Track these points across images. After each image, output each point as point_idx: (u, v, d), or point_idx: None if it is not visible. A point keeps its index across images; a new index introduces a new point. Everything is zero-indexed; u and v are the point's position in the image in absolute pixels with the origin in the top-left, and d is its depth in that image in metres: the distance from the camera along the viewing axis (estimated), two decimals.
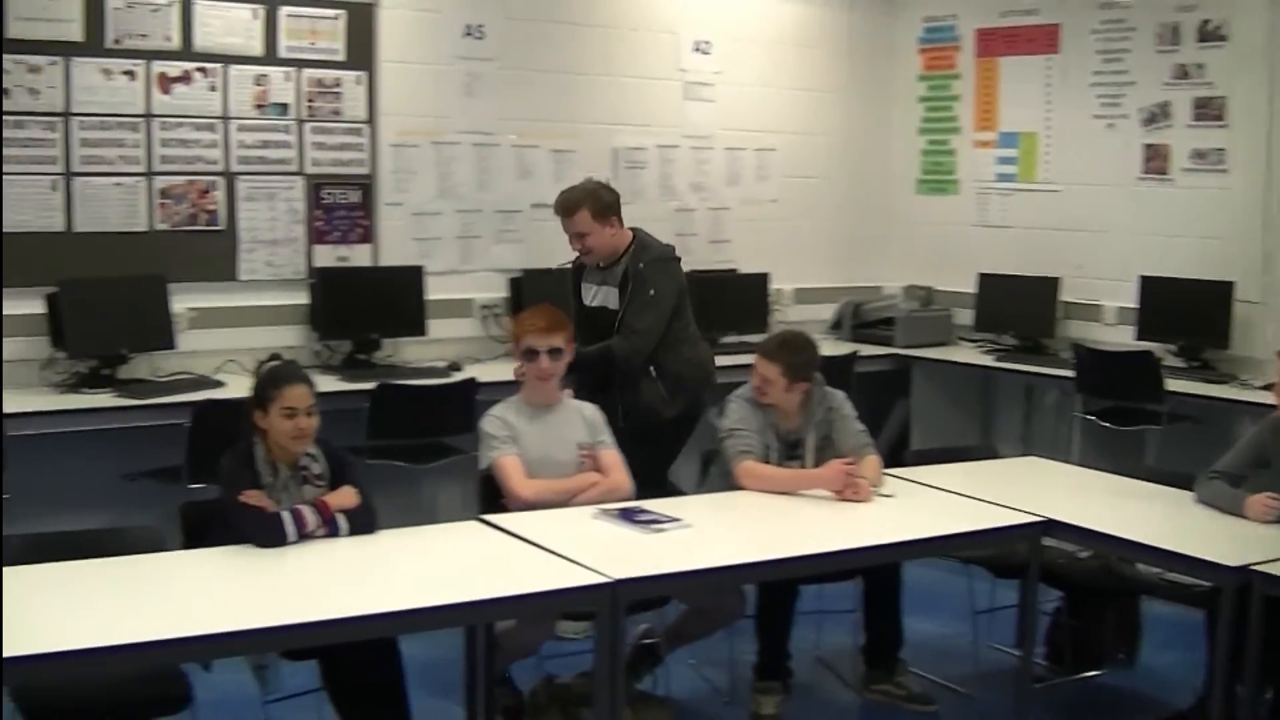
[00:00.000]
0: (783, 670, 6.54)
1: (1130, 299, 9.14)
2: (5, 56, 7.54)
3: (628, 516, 5.60)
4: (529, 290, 8.73)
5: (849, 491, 5.97)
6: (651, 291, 7.17)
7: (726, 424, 6.31)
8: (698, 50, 9.80)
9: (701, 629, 6.38)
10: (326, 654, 5.35)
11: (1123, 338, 9.18)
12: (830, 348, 9.00)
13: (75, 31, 7.73)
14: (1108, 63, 9.53)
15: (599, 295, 7.36)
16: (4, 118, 7.53)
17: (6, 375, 7.41)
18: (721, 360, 8.68)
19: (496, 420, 6.17)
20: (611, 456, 6.23)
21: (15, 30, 7.56)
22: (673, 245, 7.58)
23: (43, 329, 7.56)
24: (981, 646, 7.06)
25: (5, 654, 4.00)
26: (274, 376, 5.47)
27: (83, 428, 7.27)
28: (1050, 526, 5.87)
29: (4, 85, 7.56)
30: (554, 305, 6.56)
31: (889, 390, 9.71)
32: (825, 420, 6.40)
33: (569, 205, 7.32)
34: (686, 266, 9.34)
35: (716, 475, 6.45)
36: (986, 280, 9.89)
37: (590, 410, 6.38)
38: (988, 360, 9.54)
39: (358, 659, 5.27)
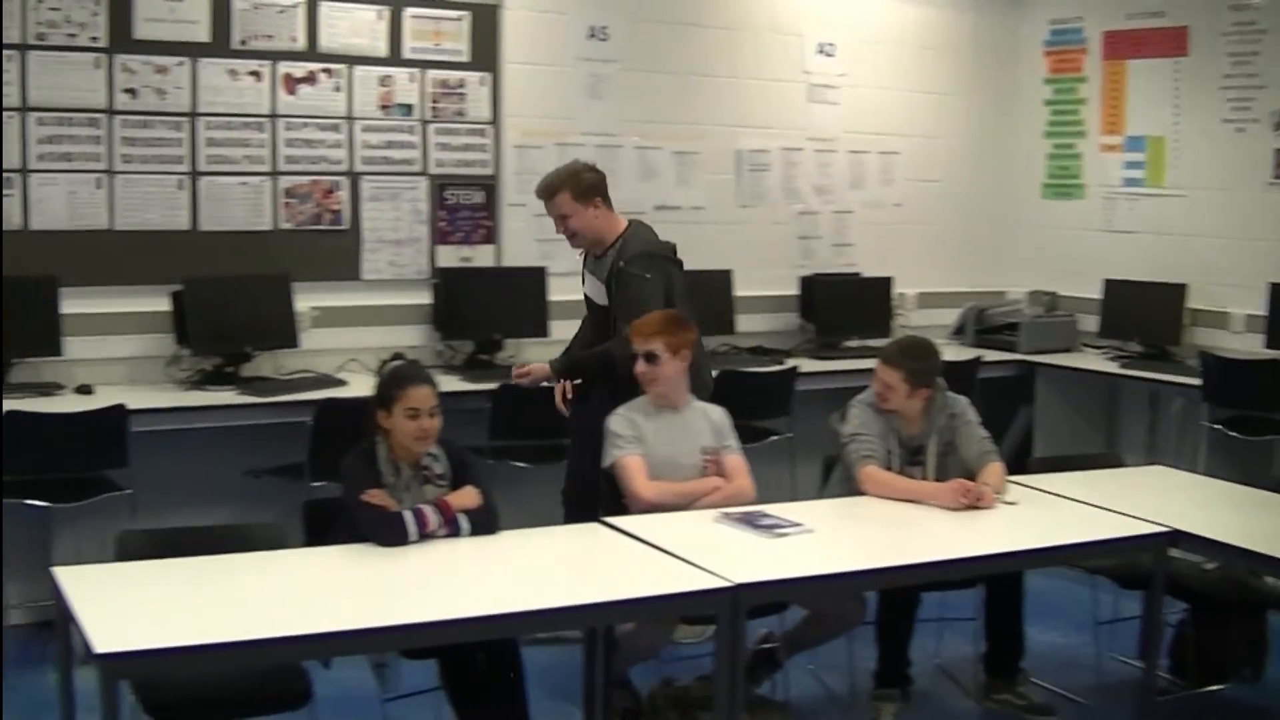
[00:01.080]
0: (902, 678, 6.50)
1: (1259, 306, 8.98)
2: (133, 57, 7.63)
3: (749, 520, 5.57)
4: None
5: (972, 499, 5.91)
6: (635, 290, 6.80)
7: (848, 429, 6.27)
8: (822, 52, 9.76)
9: (821, 635, 6.34)
10: (446, 653, 5.36)
11: (1251, 345, 9.04)
12: (953, 353, 8.92)
13: (202, 33, 7.81)
14: (1237, 65, 9.38)
15: (591, 287, 7.15)
16: (132, 117, 7.63)
17: (134, 371, 7.50)
18: (843, 365, 8.72)
19: (623, 419, 6.18)
20: (736, 461, 6.20)
21: (143, 31, 7.65)
22: (671, 244, 7.22)
23: (168, 326, 7.63)
24: (1104, 657, 6.97)
25: (129, 648, 4.05)
26: (398, 377, 5.50)
27: (206, 425, 7.34)
28: (1176, 537, 5.77)
29: (132, 86, 7.65)
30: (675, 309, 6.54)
31: (1012, 396, 9.62)
32: (948, 426, 6.33)
33: (549, 187, 7.06)
34: (808, 270, 9.39)
35: (837, 480, 6.41)
36: (1112, 286, 9.77)
37: (718, 414, 6.34)
38: (1113, 367, 9.40)
39: (478, 659, 5.29)
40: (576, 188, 6.96)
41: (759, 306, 9.42)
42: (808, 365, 8.87)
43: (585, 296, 7.23)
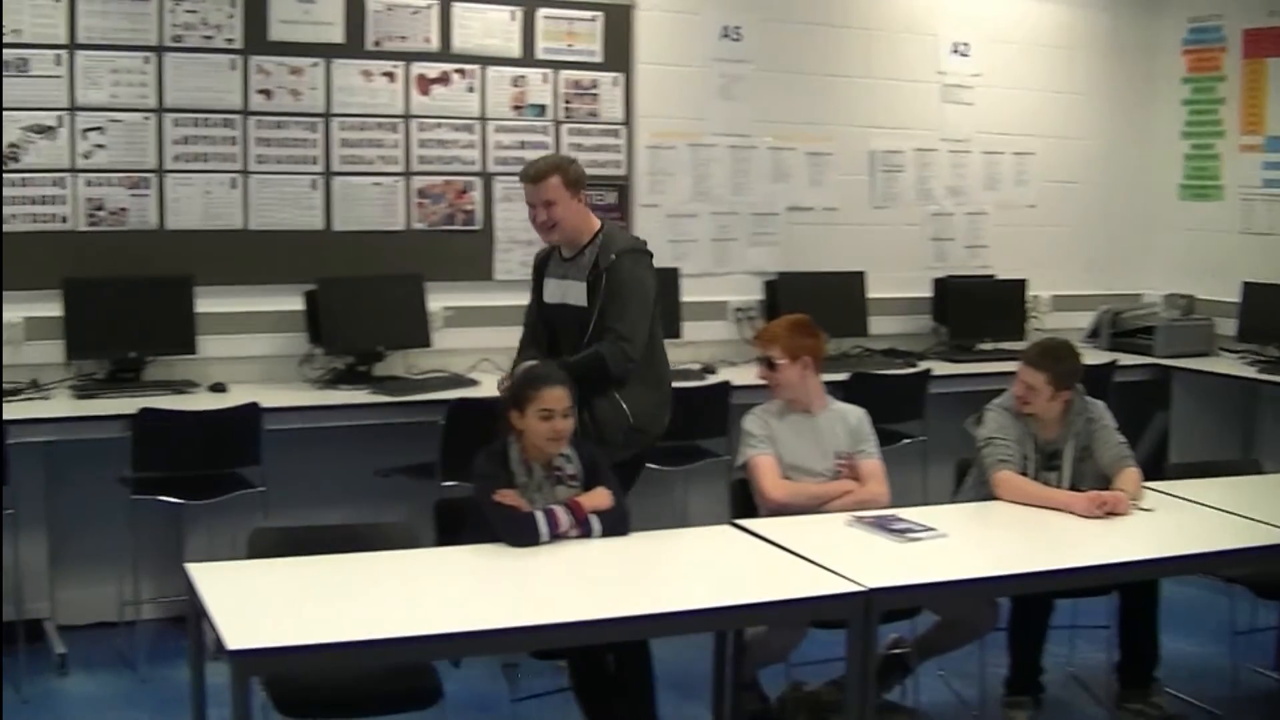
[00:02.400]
0: (1034, 685, 6.43)
1: None
2: (268, 59, 7.71)
3: (882, 524, 5.53)
4: (784, 294, 8.69)
5: (1107, 510, 5.82)
6: (631, 283, 6.40)
7: (984, 432, 6.20)
8: (956, 52, 9.67)
9: (953, 641, 6.27)
10: (576, 654, 5.36)
11: None
12: (1088, 357, 8.76)
13: (336, 34, 7.88)
14: None
15: (560, 290, 6.58)
16: (266, 118, 7.71)
17: (267, 370, 7.56)
18: (976, 368, 8.64)
19: (758, 419, 6.16)
20: (872, 466, 6.16)
21: (278, 33, 7.74)
22: (644, 239, 6.85)
23: (301, 326, 7.69)
24: (1240, 668, 6.84)
25: (261, 645, 4.08)
26: (532, 378, 5.52)
27: (338, 424, 7.40)
28: None
29: (267, 87, 7.72)
30: (801, 313, 6.49)
31: (1147, 401, 9.49)
32: (1085, 431, 6.25)
33: (538, 171, 6.50)
34: (942, 272, 9.33)
35: (971, 485, 6.35)
36: (1251, 289, 9.60)
37: (856, 417, 6.29)
38: (1251, 372, 9.22)
39: (608, 661, 5.28)
40: (566, 175, 6.49)
41: (892, 308, 9.35)
42: (941, 368, 8.81)
43: (542, 304, 6.68)
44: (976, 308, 9.46)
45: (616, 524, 5.29)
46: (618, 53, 8.56)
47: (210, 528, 7.33)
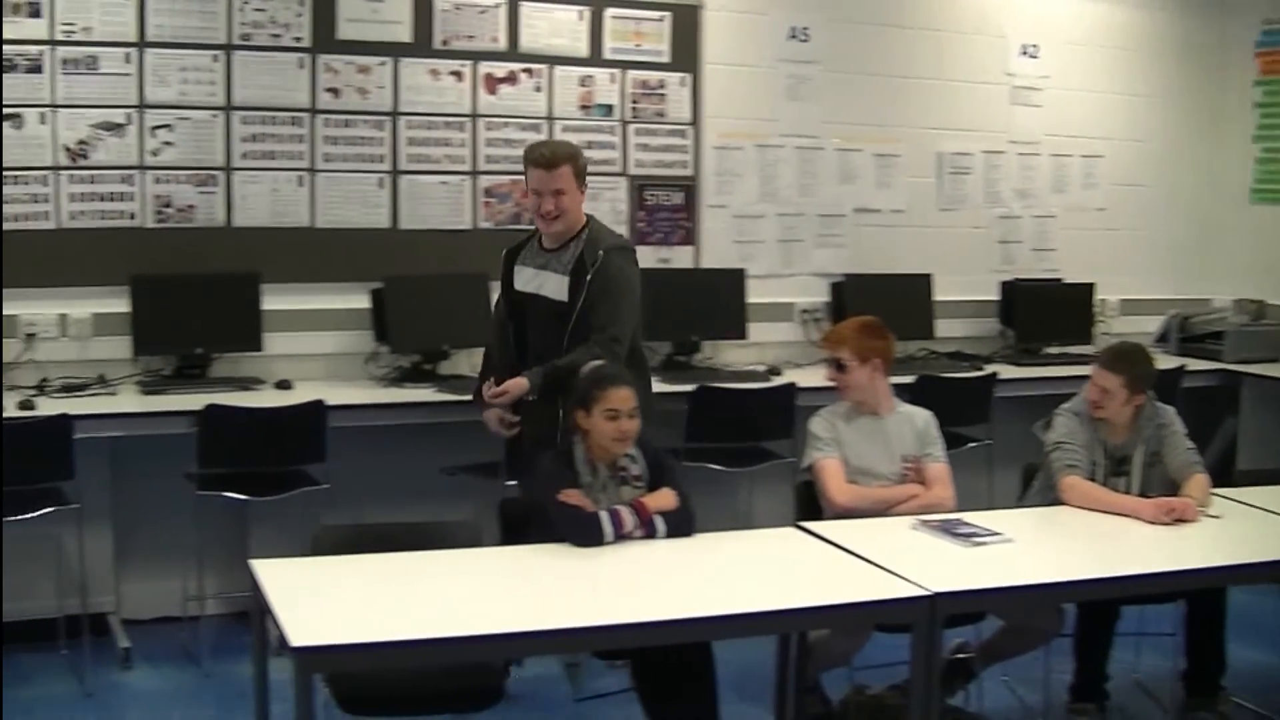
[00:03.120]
0: (1099, 692, 6.38)
1: None
2: (336, 57, 7.74)
3: (947, 528, 5.49)
4: (850, 296, 8.66)
5: (1175, 517, 5.77)
6: (620, 281, 6.26)
7: (1053, 437, 6.16)
8: (1025, 54, 9.62)
9: (1018, 646, 6.23)
10: (639, 654, 5.35)
11: None
12: (1157, 362, 8.75)
13: (404, 33, 7.91)
14: None
15: (537, 281, 6.41)
16: (334, 116, 7.75)
17: (333, 368, 7.59)
18: (1043, 372, 8.60)
19: (824, 422, 6.14)
20: (938, 470, 6.12)
21: (346, 32, 7.77)
22: (628, 237, 6.71)
23: (367, 324, 7.72)
24: None
25: (324, 642, 4.09)
26: (598, 378, 5.51)
27: (403, 421, 7.41)
28: None
29: (334, 85, 7.75)
30: (871, 316, 6.45)
31: (1216, 407, 9.40)
32: (1154, 436, 6.20)
33: (556, 156, 6.31)
34: (1009, 275, 9.30)
35: (1038, 489, 6.31)
36: None
37: (923, 420, 6.26)
38: None
39: (671, 661, 5.26)
40: (577, 164, 6.35)
41: (958, 311, 9.30)
42: (1007, 372, 8.75)
43: (522, 294, 6.49)
44: (1044, 311, 9.41)
45: (681, 525, 5.27)
46: (685, 53, 8.54)
47: (274, 524, 7.35)
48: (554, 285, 6.32)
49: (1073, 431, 6.13)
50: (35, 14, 7.22)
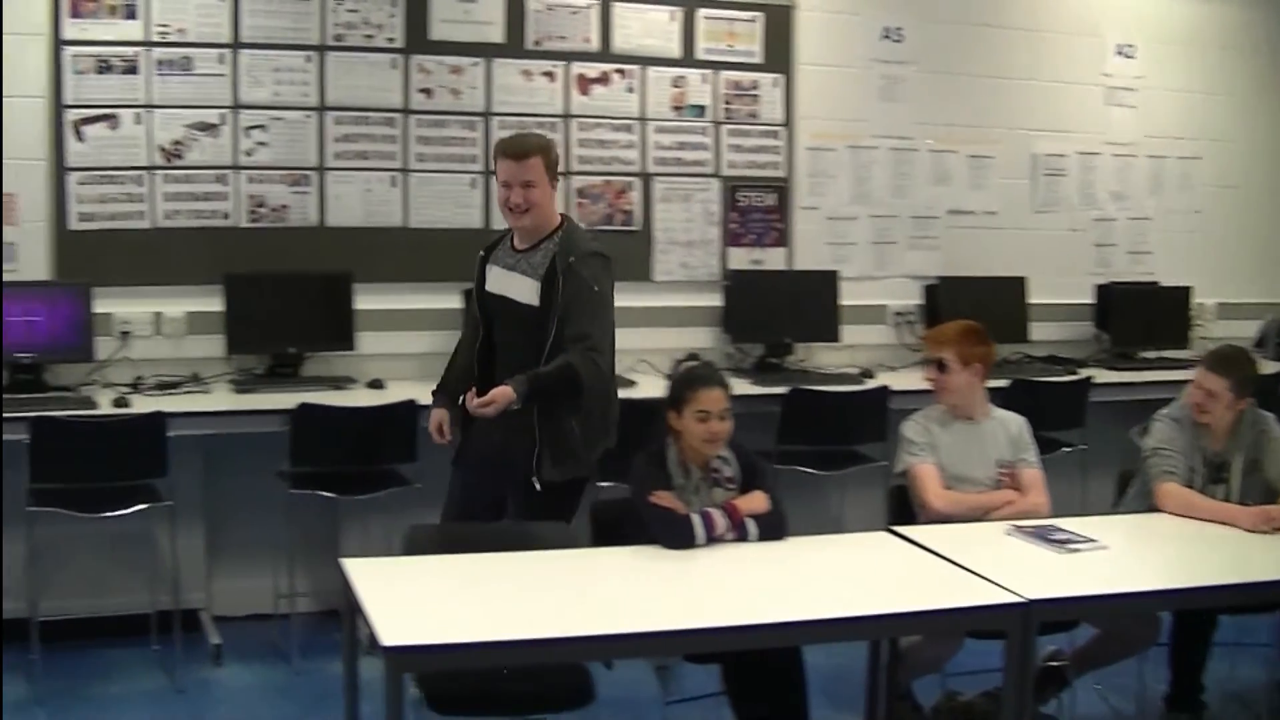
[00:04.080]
0: (1195, 703, 6.31)
1: None
2: (429, 58, 7.78)
3: (1042, 534, 5.43)
4: (944, 298, 8.60)
5: (1277, 520, 5.68)
6: (595, 289, 5.90)
7: (1150, 443, 6.08)
8: (1121, 54, 9.52)
9: (1112, 654, 6.16)
10: (730, 658, 5.33)
11: None
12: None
13: (496, 34, 7.92)
14: None
15: (504, 281, 6.04)
16: (426, 117, 7.78)
17: (424, 367, 7.55)
18: (1139, 376, 8.51)
19: (918, 426, 6.09)
20: (1033, 475, 6.06)
21: (438, 32, 7.79)
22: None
23: (458, 324, 7.69)
24: None
25: (415, 642, 4.10)
26: (690, 378, 5.49)
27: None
28: None
29: (427, 86, 7.77)
30: (966, 319, 6.40)
31: None
32: (1254, 443, 6.11)
33: (525, 148, 5.94)
34: (1104, 278, 9.23)
35: (1134, 496, 6.24)
36: None
37: (1017, 425, 6.19)
38: None
39: (761, 665, 5.24)
40: (548, 157, 5.96)
41: (1053, 315, 9.20)
42: (1102, 376, 8.65)
43: (490, 295, 6.11)
44: (1139, 315, 9.31)
45: (773, 528, 5.24)
46: (778, 53, 8.51)
47: (365, 523, 7.38)
48: (522, 288, 5.97)
49: (1171, 437, 6.05)
50: (131, 15, 7.29)
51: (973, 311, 6.77)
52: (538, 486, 5.76)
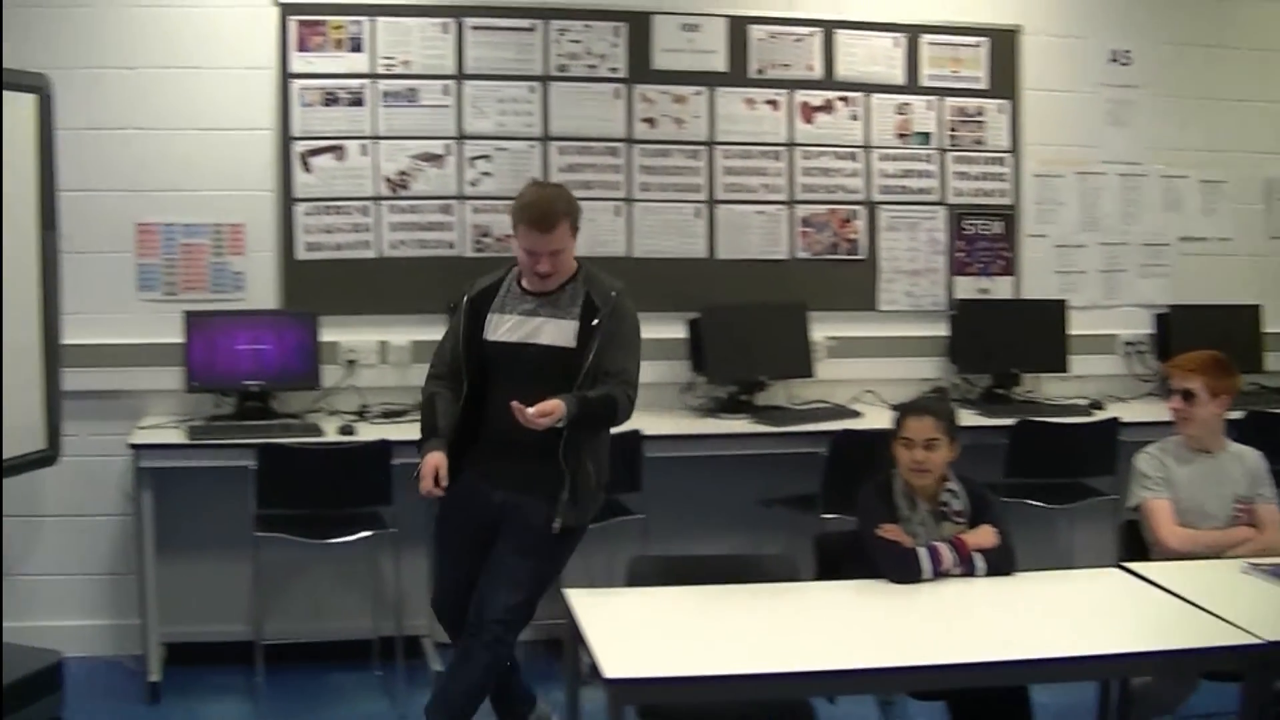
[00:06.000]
0: None
1: None
2: (651, 87, 7.83)
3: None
4: (1176, 327, 8.42)
5: None
6: (634, 324, 5.76)
7: None
8: None
9: None
10: (957, 695, 5.25)
11: None
12: None
13: (719, 62, 7.92)
14: None
15: (525, 328, 5.68)
16: (649, 146, 7.82)
17: (649, 397, 7.54)
18: None
19: (1152, 459, 5.95)
20: (1270, 511, 5.88)
21: (661, 61, 7.82)
22: None
23: (683, 353, 7.71)
24: None
25: (637, 675, 4.11)
26: (901, 406, 5.51)
27: (719, 452, 7.39)
28: None
29: (650, 115, 7.79)
30: (1202, 347, 6.24)
31: None
32: None
33: (552, 218, 5.54)
34: None
35: None
36: None
37: (1254, 459, 6.02)
38: None
39: (989, 703, 5.15)
40: (573, 218, 5.66)
41: None
42: None
43: (496, 345, 5.73)
44: None
45: (1001, 563, 5.16)
46: (1003, 79, 8.39)
47: (589, 553, 7.34)
48: (555, 332, 5.65)
49: None
50: (356, 48, 7.43)
51: (1205, 341, 6.61)
52: (556, 529, 5.58)
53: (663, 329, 7.65)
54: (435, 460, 5.65)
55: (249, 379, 7.21)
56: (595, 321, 5.60)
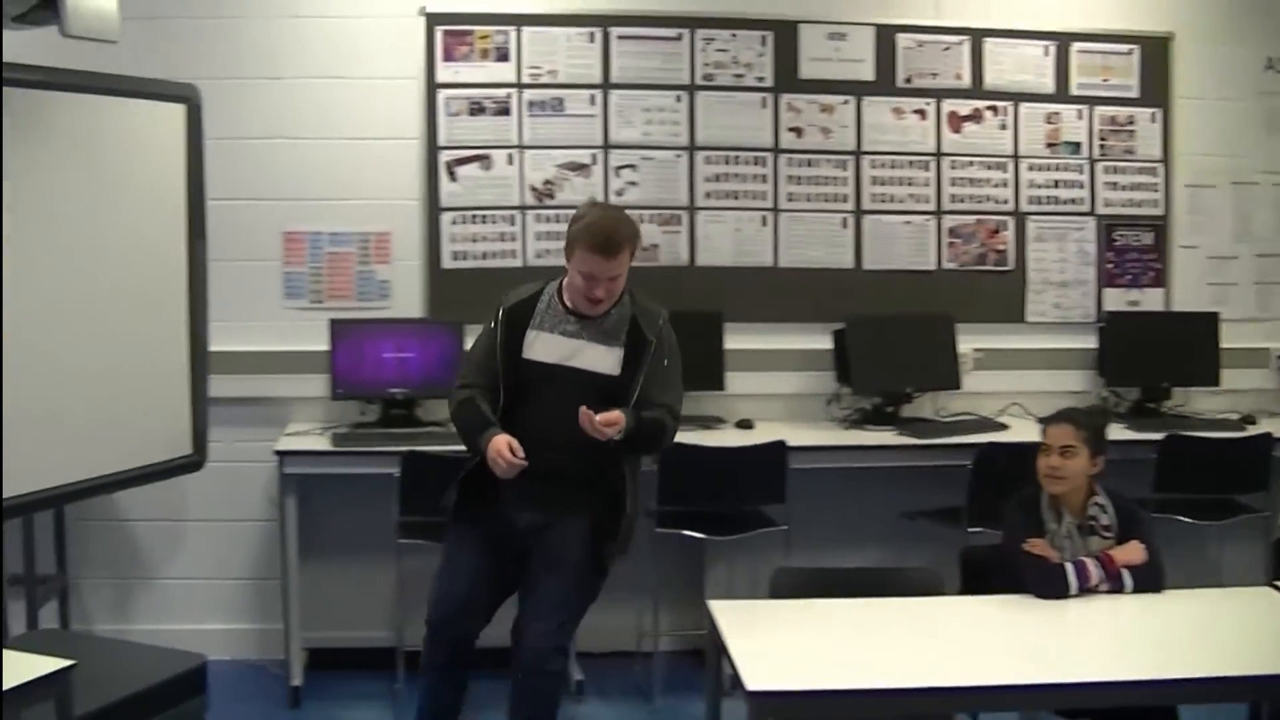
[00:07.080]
0: None
1: None
2: (799, 96, 7.82)
3: None
4: None
5: None
6: (677, 356, 5.63)
7: None
8: None
9: None
10: (1102, 714, 5.17)
11: None
12: None
13: (866, 71, 7.89)
14: None
15: (564, 350, 5.49)
16: (796, 156, 7.79)
17: (794, 408, 7.59)
18: None
19: None
20: None
21: (808, 71, 7.82)
22: None
23: (828, 364, 7.67)
24: None
25: (779, 687, 4.11)
26: (1053, 414, 5.46)
27: (863, 464, 7.35)
28: None
29: (797, 125, 7.76)
30: None
31: None
32: None
33: (618, 244, 5.37)
34: None
35: None
36: None
37: None
38: None
39: None
40: (635, 244, 5.51)
41: None
42: None
43: (534, 364, 5.51)
44: None
45: (1149, 580, 5.10)
46: (1155, 87, 8.27)
47: (731, 564, 7.37)
48: (597, 357, 5.48)
49: None
50: (503, 58, 7.48)
51: None
52: (610, 562, 5.49)
53: (808, 340, 7.66)
54: (500, 440, 5.32)
55: (393, 387, 7.28)
56: (643, 350, 5.45)
